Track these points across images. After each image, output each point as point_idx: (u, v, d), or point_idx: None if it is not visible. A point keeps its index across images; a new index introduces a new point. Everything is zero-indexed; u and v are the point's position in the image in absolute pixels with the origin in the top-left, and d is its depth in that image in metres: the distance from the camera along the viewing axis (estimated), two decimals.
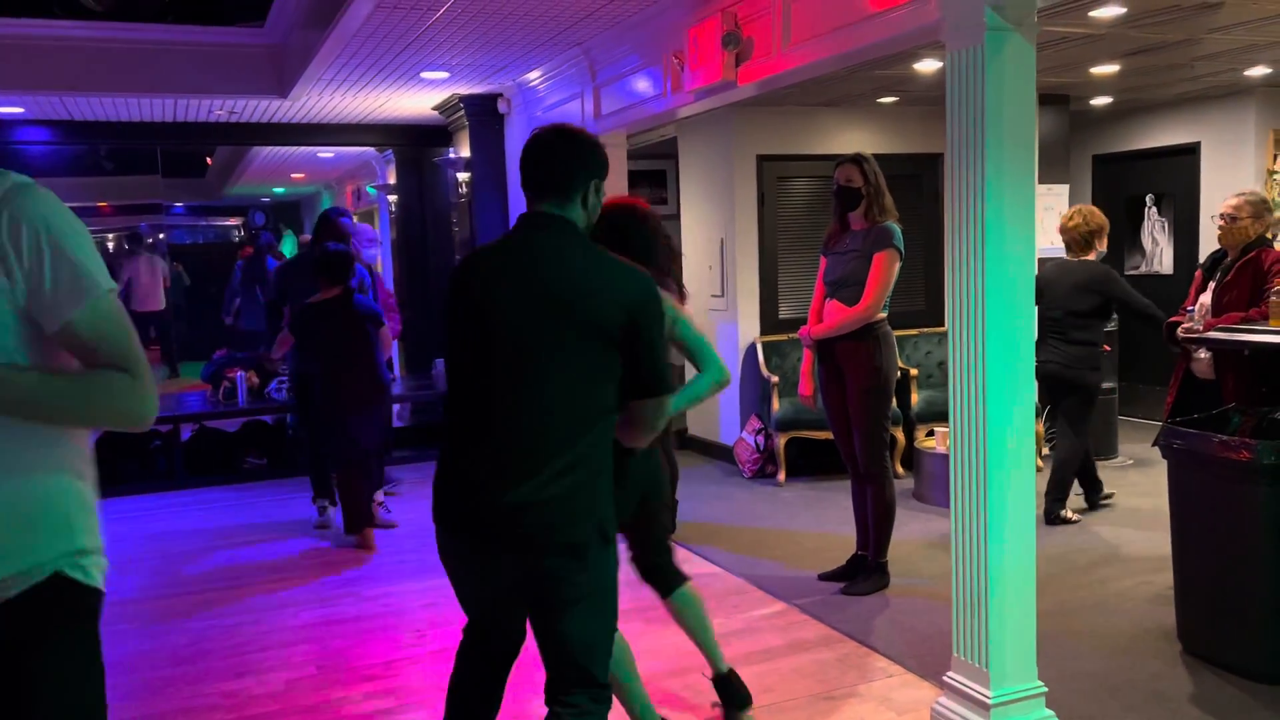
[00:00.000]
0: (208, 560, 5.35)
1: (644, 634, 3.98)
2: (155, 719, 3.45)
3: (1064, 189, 7.09)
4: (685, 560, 4.76)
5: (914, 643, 3.83)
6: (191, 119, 7.53)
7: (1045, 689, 3.07)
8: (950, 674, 3.14)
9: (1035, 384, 3.05)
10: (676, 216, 7.89)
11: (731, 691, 3.19)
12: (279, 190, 14.88)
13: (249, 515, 6.26)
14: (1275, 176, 7.06)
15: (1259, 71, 6.19)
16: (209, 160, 14.09)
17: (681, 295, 5.22)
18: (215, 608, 4.57)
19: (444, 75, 6.20)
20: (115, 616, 4.50)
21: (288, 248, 14.59)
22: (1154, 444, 3.70)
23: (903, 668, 3.64)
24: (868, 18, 3.45)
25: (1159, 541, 4.77)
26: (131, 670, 3.89)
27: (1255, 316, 4.18)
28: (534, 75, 6.22)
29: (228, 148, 11.43)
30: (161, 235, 18.37)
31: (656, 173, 9.02)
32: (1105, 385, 6.67)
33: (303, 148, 9.70)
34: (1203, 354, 4.36)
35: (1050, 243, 6.90)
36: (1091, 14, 4.43)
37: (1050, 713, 3.06)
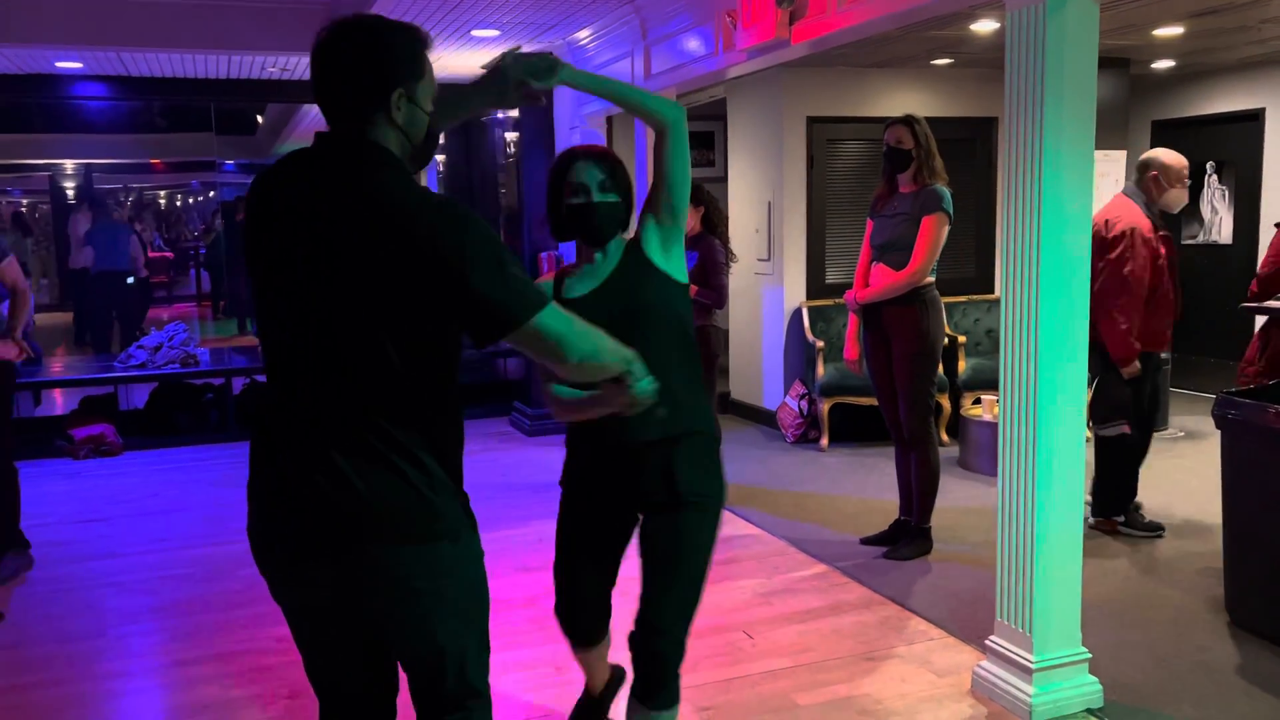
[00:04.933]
0: None
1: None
2: (209, 659, 3.56)
3: (1121, 155, 6.94)
4: (727, 521, 4.79)
5: (956, 607, 3.83)
6: (244, 76, 7.59)
7: (1089, 655, 3.06)
8: (993, 638, 3.14)
9: (1087, 352, 3.01)
10: (724, 179, 7.84)
11: None
12: None
13: None
14: None
15: None
16: (259, 118, 14.22)
17: (729, 258, 5.23)
18: None
19: (495, 34, 6.19)
20: (171, 562, 4.63)
21: None
22: (1212, 413, 3.65)
23: (944, 631, 3.64)
24: None
25: (1208, 512, 4.71)
26: (186, 614, 4.01)
27: None
28: (584, 34, 6.19)
29: (278, 106, 11.52)
30: (212, 193, 18.62)
31: (705, 134, 8.97)
32: (1162, 355, 6.56)
33: None
34: None
35: None
36: None
37: (1094, 679, 3.05)
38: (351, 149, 1.70)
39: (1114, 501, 4.63)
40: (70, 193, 13.08)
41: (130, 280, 10.38)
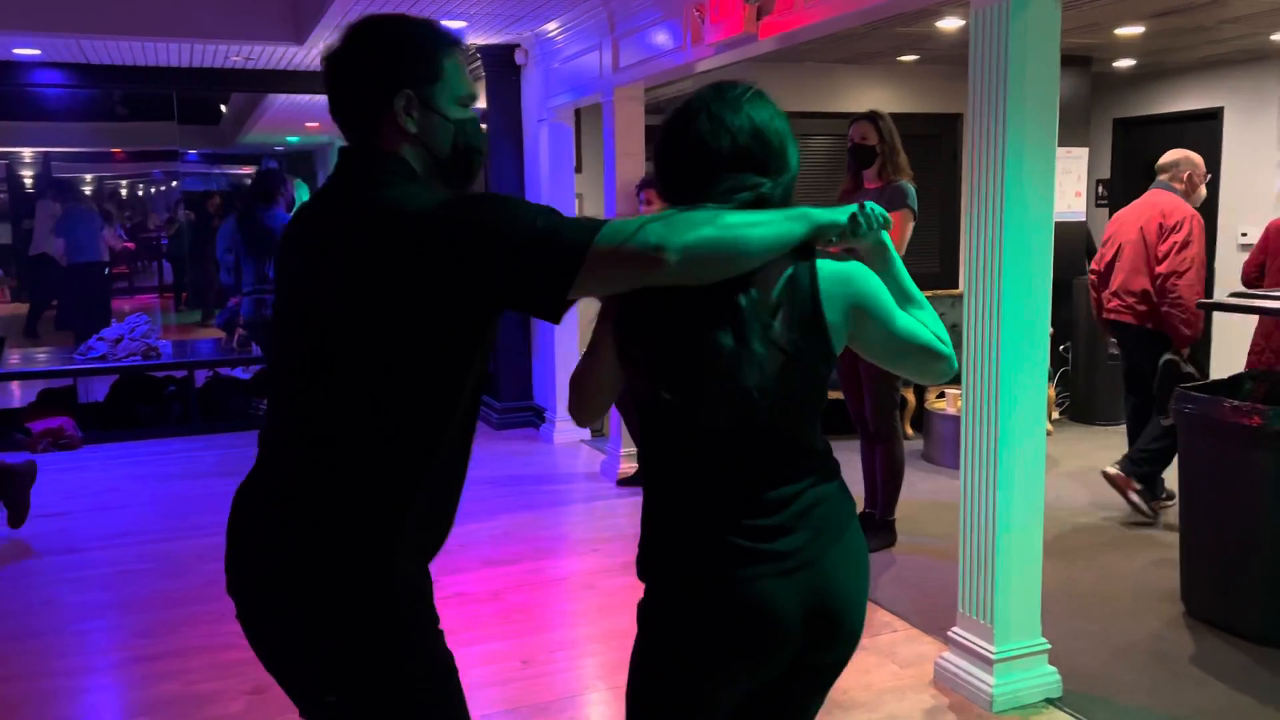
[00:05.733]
0: (221, 503, 5.40)
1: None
2: (171, 655, 3.53)
3: (1083, 152, 7.03)
4: None
5: (919, 599, 3.87)
6: (207, 65, 7.50)
7: (1049, 646, 3.11)
8: (955, 629, 3.18)
9: (1048, 346, 3.06)
10: None
11: None
12: (293, 139, 14.84)
13: None
14: None
15: None
16: (223, 108, 14.04)
17: None
18: None
19: (462, 24, 6.15)
20: (134, 557, 4.58)
21: (301, 196, 14.57)
22: (1169, 408, 3.71)
23: (907, 623, 3.68)
24: None
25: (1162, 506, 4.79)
26: (147, 609, 3.96)
27: None
28: (552, 26, 6.17)
29: (242, 95, 11.38)
30: (175, 183, 18.38)
31: None
32: (1115, 352, 6.66)
33: (318, 96, 9.65)
34: None
35: (1068, 206, 6.86)
36: None
37: (1053, 669, 3.10)
38: (358, 164, 1.51)
39: (1160, 482, 4.78)
40: (28, 181, 12.83)
41: (106, 271, 10.25)
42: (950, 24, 5.44)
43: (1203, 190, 4.89)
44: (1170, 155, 4.91)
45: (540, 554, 4.53)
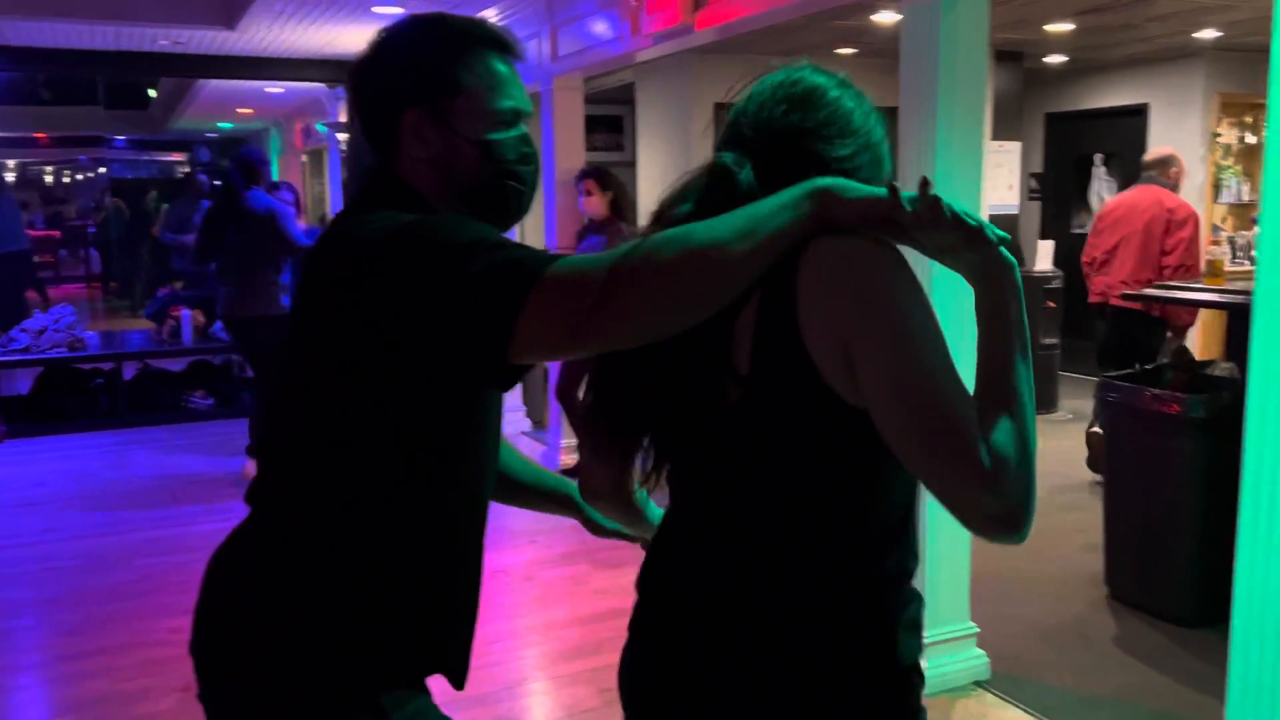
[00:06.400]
0: (151, 498, 5.31)
1: (591, 575, 4.04)
2: (102, 653, 3.45)
3: (1016, 146, 7.17)
4: None
5: None
6: (134, 49, 7.30)
7: (977, 630, 3.18)
8: None
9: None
10: (633, 164, 7.85)
11: None
12: (225, 125, 14.52)
13: (193, 454, 6.21)
14: (1219, 139, 7.19)
15: (1208, 34, 6.28)
16: (152, 92, 13.70)
17: None
18: (158, 546, 4.55)
19: (398, 10, 6.07)
20: (61, 553, 4.47)
21: None
22: (1094, 396, 3.81)
23: None
24: None
25: (1094, 490, 4.92)
26: (77, 606, 3.87)
27: None
28: (491, 12, 6.12)
29: (172, 80, 11.11)
30: (102, 169, 17.89)
31: (614, 118, 8.95)
32: (1047, 341, 6.83)
33: (250, 82, 9.46)
34: None
35: (1000, 199, 7.00)
36: None
37: (981, 652, 3.18)
38: (366, 188, 1.33)
39: None
40: None
41: (30, 260, 9.95)
42: (886, 18, 5.50)
43: (1184, 184, 5.37)
44: (1158, 152, 5.34)
45: None
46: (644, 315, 1.06)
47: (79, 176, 18.71)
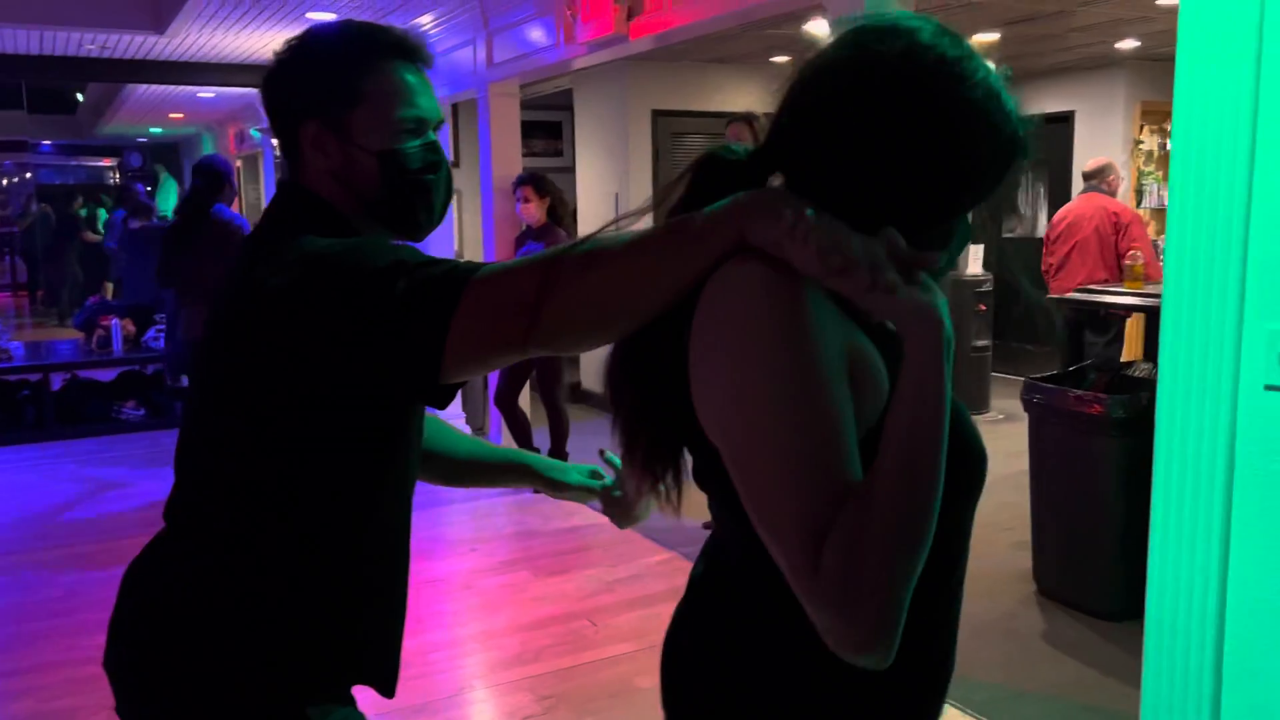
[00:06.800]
0: (81, 513, 5.19)
1: (531, 583, 4.05)
2: (31, 671, 3.37)
3: None
4: (574, 512, 4.84)
5: None
6: (60, 52, 7.14)
7: None
8: None
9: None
10: (572, 169, 7.87)
11: None
12: (156, 130, 14.25)
13: (124, 467, 6.08)
14: (1141, 145, 7.42)
15: (1128, 44, 6.48)
16: (80, 97, 13.38)
17: None
18: (88, 561, 4.45)
19: (331, 17, 6.02)
20: None
21: (166, 195, 14.00)
22: (1020, 397, 3.92)
23: None
24: None
25: (1023, 488, 5.04)
26: (3, 623, 3.78)
27: None
28: (425, 20, 6.10)
29: (101, 85, 10.87)
30: (29, 175, 17.42)
31: (553, 124, 8.96)
32: (979, 343, 6.99)
33: (181, 87, 9.30)
34: None
35: None
36: None
37: None
38: (279, 203, 1.32)
39: None
40: None
41: None
42: (819, 27, 5.59)
43: (1120, 190, 5.83)
44: (1096, 163, 5.81)
45: (417, 555, 4.45)
46: (571, 326, 1.04)
47: (3, 182, 18.19)
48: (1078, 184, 7.69)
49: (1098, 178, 5.69)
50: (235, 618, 1.23)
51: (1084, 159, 7.63)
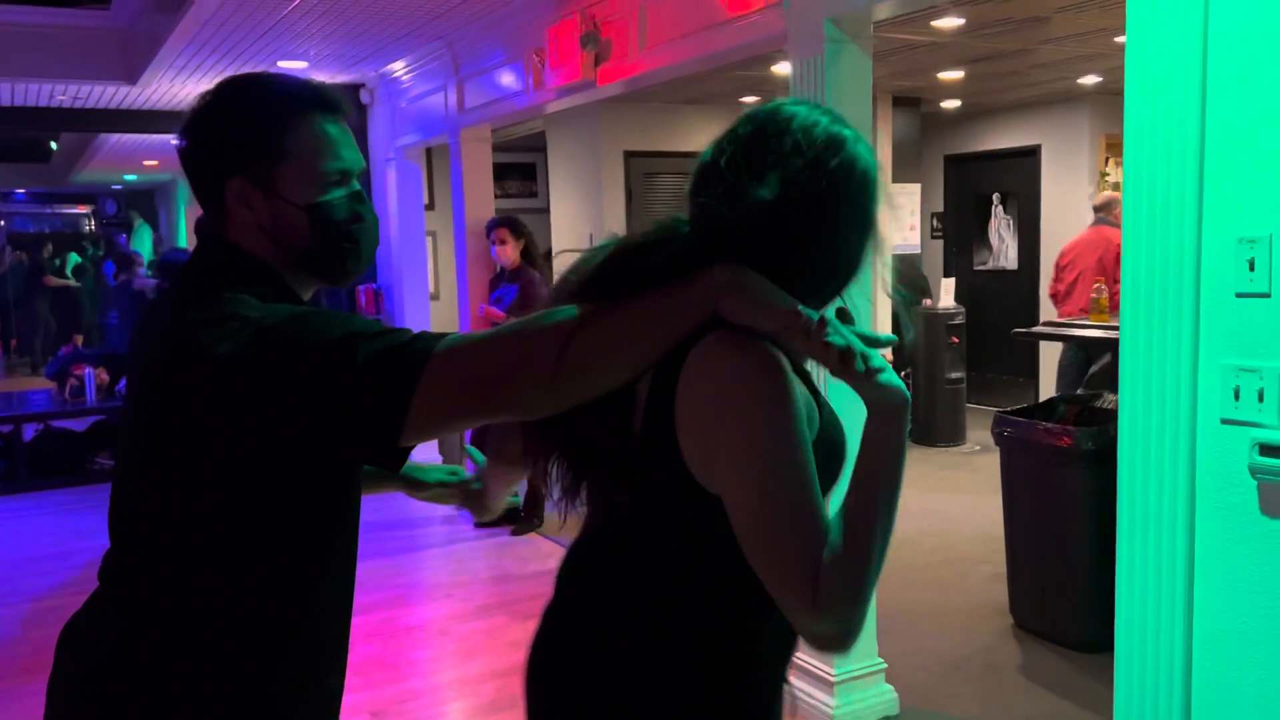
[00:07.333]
0: (55, 565, 5.12)
1: (508, 627, 4.02)
2: None
3: (916, 188, 7.41)
4: (549, 555, 4.82)
5: None
6: (31, 104, 7.15)
7: (885, 665, 3.24)
8: (797, 654, 3.28)
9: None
10: (546, 210, 7.91)
11: None
12: (130, 177, 14.24)
13: (98, 518, 6.00)
14: (1106, 178, 7.54)
15: (1091, 79, 6.59)
16: (54, 145, 13.37)
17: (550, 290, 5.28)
18: (60, 614, 4.38)
19: (302, 65, 6.06)
20: None
21: (141, 240, 13.96)
22: (991, 430, 3.94)
23: None
24: (721, 24, 3.55)
25: (997, 522, 5.05)
26: None
27: None
28: (397, 66, 6.15)
29: (75, 134, 10.88)
30: (1, 223, 17.33)
31: (527, 166, 9.02)
32: (953, 375, 7.04)
33: (155, 135, 9.31)
34: None
35: (903, 239, 7.21)
36: (933, 23, 4.66)
37: (889, 687, 3.24)
38: (204, 259, 1.30)
39: None
40: None
41: None
42: (784, 69, 5.67)
43: (1074, 221, 6.08)
44: (1103, 197, 6.19)
45: (394, 602, 4.45)
46: (534, 397, 1.11)
47: None
48: (1046, 215, 7.81)
49: (1105, 210, 6.01)
50: (167, 680, 1.22)
51: (1051, 191, 7.76)
